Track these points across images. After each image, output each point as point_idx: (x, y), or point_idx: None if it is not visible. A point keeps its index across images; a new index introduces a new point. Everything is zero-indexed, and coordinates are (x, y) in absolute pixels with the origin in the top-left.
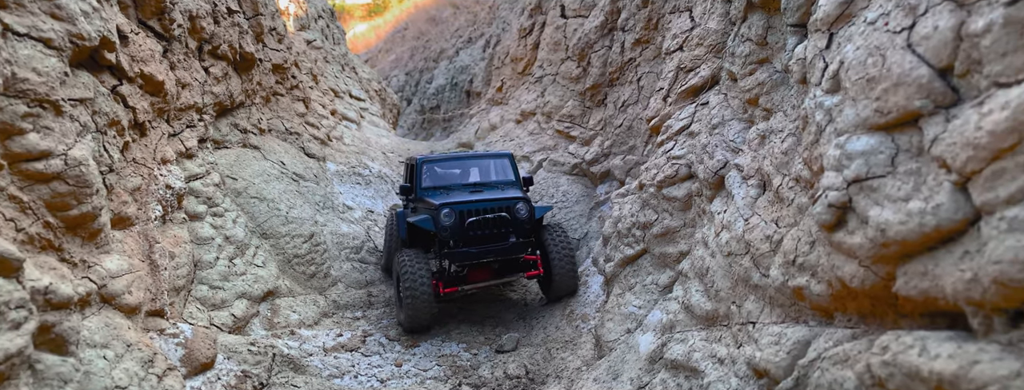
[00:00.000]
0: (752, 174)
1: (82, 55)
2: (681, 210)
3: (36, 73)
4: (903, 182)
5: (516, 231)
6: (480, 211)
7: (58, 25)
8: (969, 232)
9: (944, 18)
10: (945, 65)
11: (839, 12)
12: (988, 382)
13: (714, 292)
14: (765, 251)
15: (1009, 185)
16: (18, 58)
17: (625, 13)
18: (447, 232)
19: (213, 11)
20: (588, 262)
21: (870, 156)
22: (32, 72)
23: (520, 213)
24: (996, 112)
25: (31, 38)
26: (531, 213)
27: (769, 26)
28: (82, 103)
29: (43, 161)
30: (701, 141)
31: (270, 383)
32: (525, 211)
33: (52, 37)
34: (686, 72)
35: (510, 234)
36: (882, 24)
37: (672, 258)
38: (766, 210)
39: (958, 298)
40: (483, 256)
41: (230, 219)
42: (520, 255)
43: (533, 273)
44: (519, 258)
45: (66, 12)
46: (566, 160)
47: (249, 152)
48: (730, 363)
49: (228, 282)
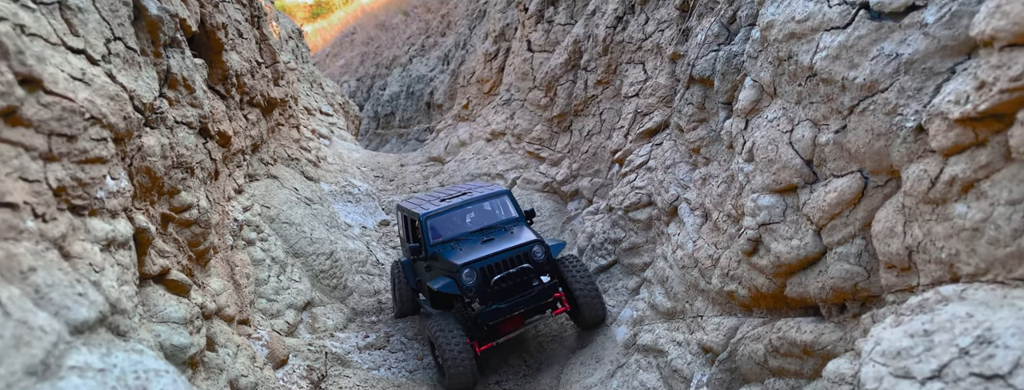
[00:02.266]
0: (697, 207)
1: (201, 127)
2: (644, 230)
3: (185, 148)
4: (789, 227)
5: (536, 275)
6: (501, 265)
7: (193, 112)
8: (822, 259)
9: (807, 130)
10: (808, 158)
11: (751, 106)
12: (826, 344)
13: (673, 294)
14: (708, 265)
15: (839, 233)
16: (177, 140)
17: (587, 55)
18: (472, 292)
19: (251, 68)
20: None
21: (771, 209)
22: (184, 148)
23: (537, 256)
24: (833, 191)
25: (182, 124)
26: (548, 254)
27: (706, 96)
28: (199, 163)
29: (187, 211)
30: (658, 176)
31: (329, 375)
32: (542, 254)
33: (192, 121)
34: (643, 116)
35: (533, 280)
36: (775, 124)
37: (638, 267)
38: (708, 235)
39: (816, 297)
40: (514, 310)
41: (272, 243)
42: (548, 299)
43: (560, 310)
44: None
45: (198, 100)
46: (538, 179)
47: (273, 182)
48: (685, 344)
49: (279, 296)
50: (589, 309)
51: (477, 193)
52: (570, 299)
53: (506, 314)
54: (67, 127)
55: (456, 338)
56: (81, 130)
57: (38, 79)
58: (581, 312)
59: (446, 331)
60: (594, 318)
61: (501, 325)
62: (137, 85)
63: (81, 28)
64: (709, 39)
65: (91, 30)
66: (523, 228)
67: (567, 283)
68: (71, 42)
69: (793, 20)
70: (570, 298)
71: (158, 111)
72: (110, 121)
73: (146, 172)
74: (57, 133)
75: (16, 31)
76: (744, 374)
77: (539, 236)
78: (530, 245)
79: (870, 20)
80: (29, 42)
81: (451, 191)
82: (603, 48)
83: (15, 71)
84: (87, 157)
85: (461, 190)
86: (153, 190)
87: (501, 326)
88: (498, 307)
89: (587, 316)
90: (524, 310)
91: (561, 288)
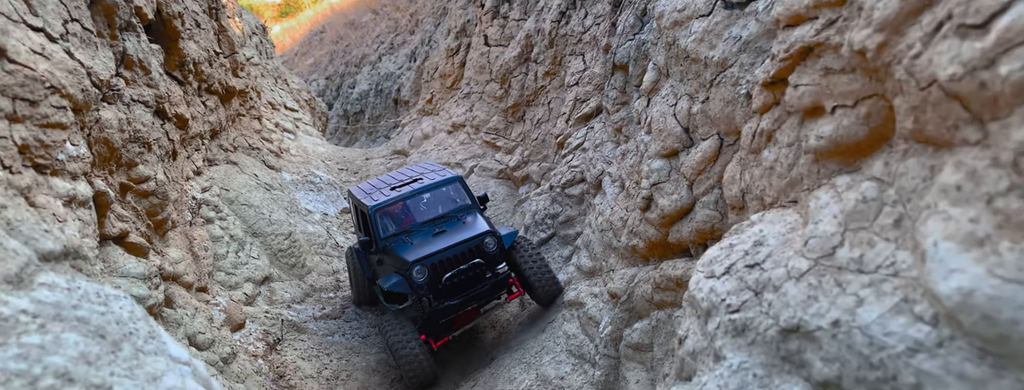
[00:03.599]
0: (617, 179)
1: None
2: (577, 204)
3: (141, 124)
4: (672, 185)
5: (489, 266)
6: (453, 260)
7: (149, 91)
8: (693, 208)
9: (685, 102)
10: (686, 126)
11: (652, 86)
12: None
13: (594, 255)
14: (620, 227)
15: (703, 186)
16: (134, 117)
17: (537, 48)
18: (424, 290)
19: (208, 57)
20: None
21: (660, 171)
22: (141, 125)
23: (489, 248)
24: (700, 152)
25: (139, 102)
26: (500, 245)
27: (626, 81)
28: (156, 141)
29: (145, 183)
30: (589, 155)
31: (284, 338)
32: (494, 245)
33: (148, 100)
34: (581, 102)
35: (486, 273)
36: (665, 100)
37: (571, 238)
38: (622, 202)
39: (687, 240)
40: (467, 305)
41: (231, 222)
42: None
43: (515, 295)
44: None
45: (154, 81)
46: (493, 166)
47: (232, 168)
48: (600, 296)
49: (237, 270)
50: (543, 288)
51: (429, 179)
52: (523, 282)
53: (459, 310)
54: (29, 93)
55: (409, 337)
56: (42, 97)
57: (2, 49)
58: (535, 292)
59: (399, 331)
60: (549, 295)
61: (455, 319)
62: (94, 63)
63: (40, 9)
64: (626, 30)
65: (49, 11)
66: (476, 217)
67: (519, 266)
68: (31, 21)
69: (676, 10)
70: (523, 281)
71: (115, 88)
72: (68, 92)
73: (104, 142)
74: (20, 97)
75: None
76: (638, 311)
77: (492, 225)
78: (482, 237)
79: (724, 9)
80: None
81: (403, 176)
82: (549, 41)
83: None
84: (48, 122)
85: (413, 175)
86: (111, 160)
87: (455, 320)
88: (451, 304)
89: (542, 295)
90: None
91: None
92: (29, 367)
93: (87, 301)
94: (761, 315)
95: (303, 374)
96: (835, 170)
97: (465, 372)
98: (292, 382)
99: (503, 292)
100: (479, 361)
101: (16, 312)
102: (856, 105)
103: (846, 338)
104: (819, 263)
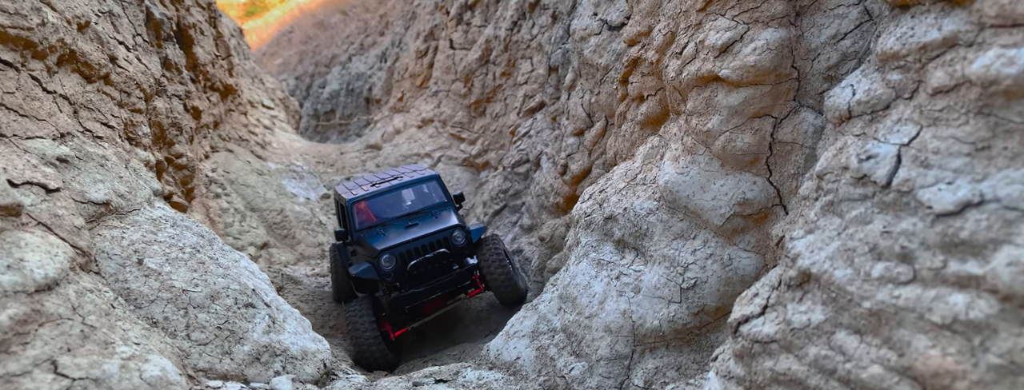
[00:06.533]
0: (551, 157)
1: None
2: (523, 180)
3: (177, 113)
4: (580, 154)
5: (457, 259)
6: (419, 250)
7: (181, 88)
8: (590, 170)
9: (587, 95)
10: (588, 112)
11: (571, 84)
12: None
13: (532, 215)
14: (549, 191)
15: (597, 154)
16: (173, 107)
17: (495, 52)
18: (391, 277)
19: (212, 59)
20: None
21: (572, 146)
22: (177, 114)
23: (457, 241)
24: (596, 130)
25: (175, 96)
26: (468, 239)
27: (559, 80)
28: (186, 127)
29: (180, 158)
30: (533, 140)
31: (283, 287)
32: (462, 239)
33: (181, 95)
34: (528, 98)
35: (452, 264)
36: (578, 94)
37: (518, 206)
38: (552, 173)
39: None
40: (431, 294)
41: (234, 198)
42: (467, 282)
43: (475, 292)
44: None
45: (184, 80)
46: (458, 155)
47: (230, 154)
48: (534, 243)
49: (242, 236)
50: (500, 288)
51: (407, 177)
52: (486, 281)
53: (423, 298)
54: (127, 87)
55: (367, 324)
56: (133, 89)
57: (115, 57)
58: (497, 292)
59: (358, 316)
60: (507, 298)
61: (422, 307)
62: (151, 66)
63: (120, 28)
64: (556, 40)
65: (124, 27)
66: (450, 213)
67: (480, 265)
68: (118, 37)
69: (582, 28)
70: (486, 280)
71: (162, 85)
72: (143, 86)
73: (157, 125)
74: (123, 90)
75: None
76: (556, 246)
77: (462, 221)
78: (450, 230)
79: (608, 30)
80: (106, 36)
81: (384, 175)
82: (504, 46)
83: (105, 53)
84: (135, 107)
85: (393, 174)
86: (161, 139)
87: (423, 307)
88: (415, 291)
89: (500, 296)
90: (442, 293)
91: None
92: (176, 241)
93: (185, 218)
94: (597, 214)
95: (302, 312)
96: (649, 133)
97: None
98: None
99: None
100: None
101: (158, 217)
102: (656, 94)
103: (628, 214)
104: (628, 183)
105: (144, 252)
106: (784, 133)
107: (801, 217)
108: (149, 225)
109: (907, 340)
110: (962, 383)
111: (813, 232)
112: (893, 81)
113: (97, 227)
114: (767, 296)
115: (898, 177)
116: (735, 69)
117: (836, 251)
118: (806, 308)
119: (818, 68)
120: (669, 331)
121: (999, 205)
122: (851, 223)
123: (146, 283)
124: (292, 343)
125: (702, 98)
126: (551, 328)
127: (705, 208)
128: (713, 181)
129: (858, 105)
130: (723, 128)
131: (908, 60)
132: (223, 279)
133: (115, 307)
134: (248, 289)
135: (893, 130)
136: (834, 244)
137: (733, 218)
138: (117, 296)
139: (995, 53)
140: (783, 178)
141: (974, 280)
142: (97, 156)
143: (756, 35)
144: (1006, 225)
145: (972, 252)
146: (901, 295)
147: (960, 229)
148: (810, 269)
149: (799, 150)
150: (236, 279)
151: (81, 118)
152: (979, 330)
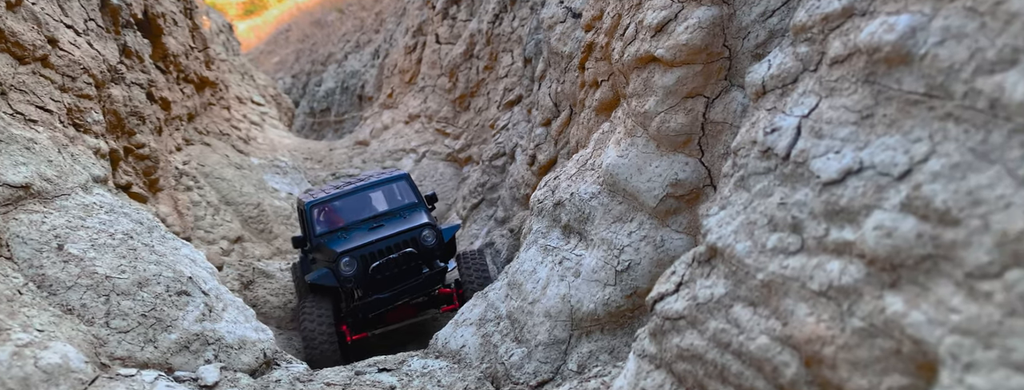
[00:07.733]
0: (525, 149)
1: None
2: (500, 173)
3: (139, 102)
4: (547, 144)
5: (427, 261)
6: (384, 251)
7: (143, 76)
8: (557, 159)
9: (554, 85)
10: (555, 102)
11: (541, 74)
12: None
13: (506, 208)
14: (521, 183)
15: (562, 143)
16: (132, 95)
17: (478, 46)
18: (352, 282)
19: (185, 51)
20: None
21: (540, 136)
22: (138, 102)
23: (427, 241)
24: (561, 119)
25: (136, 85)
26: (438, 238)
27: (533, 71)
28: (148, 117)
29: (142, 148)
30: (510, 133)
31: (255, 281)
32: (432, 238)
33: (142, 83)
34: (508, 91)
35: (421, 267)
36: (547, 84)
37: (494, 201)
38: (525, 166)
39: None
40: (396, 300)
41: (207, 191)
42: (436, 288)
43: (449, 307)
44: (435, 291)
45: (146, 68)
46: (442, 150)
47: (206, 148)
48: (506, 235)
49: (214, 229)
50: None
51: (374, 179)
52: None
53: (387, 304)
54: (71, 72)
55: (322, 319)
56: (79, 74)
57: (56, 40)
58: None
59: (314, 317)
60: None
61: (386, 315)
62: (106, 52)
63: (69, 10)
64: (531, 31)
65: (75, 11)
66: (420, 213)
67: (462, 282)
68: (64, 20)
69: (549, 17)
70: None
71: (119, 73)
72: (92, 72)
73: (113, 113)
74: (66, 74)
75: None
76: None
77: (433, 221)
78: (419, 229)
79: (572, 18)
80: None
81: (353, 181)
82: (487, 40)
83: (43, 34)
84: (82, 93)
85: (363, 178)
86: (118, 128)
87: (388, 314)
88: (379, 297)
89: None
90: (410, 299)
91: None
92: (107, 227)
93: (126, 205)
94: (549, 200)
95: (271, 306)
96: (603, 119)
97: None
98: (263, 311)
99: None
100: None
101: (91, 203)
102: (608, 79)
103: (574, 199)
104: (579, 169)
105: (67, 237)
106: (716, 113)
107: (718, 194)
108: (78, 210)
109: (791, 309)
110: (830, 348)
111: (725, 208)
112: (801, 53)
113: (13, 211)
114: (682, 274)
115: (796, 148)
116: (669, 48)
117: (740, 225)
118: (711, 283)
119: (748, 46)
120: (604, 314)
121: (874, 171)
122: (756, 196)
123: (64, 269)
124: (228, 332)
125: (641, 79)
126: (497, 315)
127: (641, 190)
128: (649, 163)
129: (771, 79)
130: (658, 109)
131: (813, 32)
132: (155, 266)
133: (21, 293)
134: (184, 277)
135: (798, 102)
136: (739, 218)
137: (666, 199)
138: (28, 282)
139: (880, 21)
140: (714, 158)
141: (848, 246)
142: (23, 138)
143: (690, 14)
144: (878, 191)
145: (849, 219)
146: (789, 265)
147: (841, 197)
148: (716, 243)
149: (729, 130)
150: (171, 266)
151: (10, 100)
152: (848, 295)
